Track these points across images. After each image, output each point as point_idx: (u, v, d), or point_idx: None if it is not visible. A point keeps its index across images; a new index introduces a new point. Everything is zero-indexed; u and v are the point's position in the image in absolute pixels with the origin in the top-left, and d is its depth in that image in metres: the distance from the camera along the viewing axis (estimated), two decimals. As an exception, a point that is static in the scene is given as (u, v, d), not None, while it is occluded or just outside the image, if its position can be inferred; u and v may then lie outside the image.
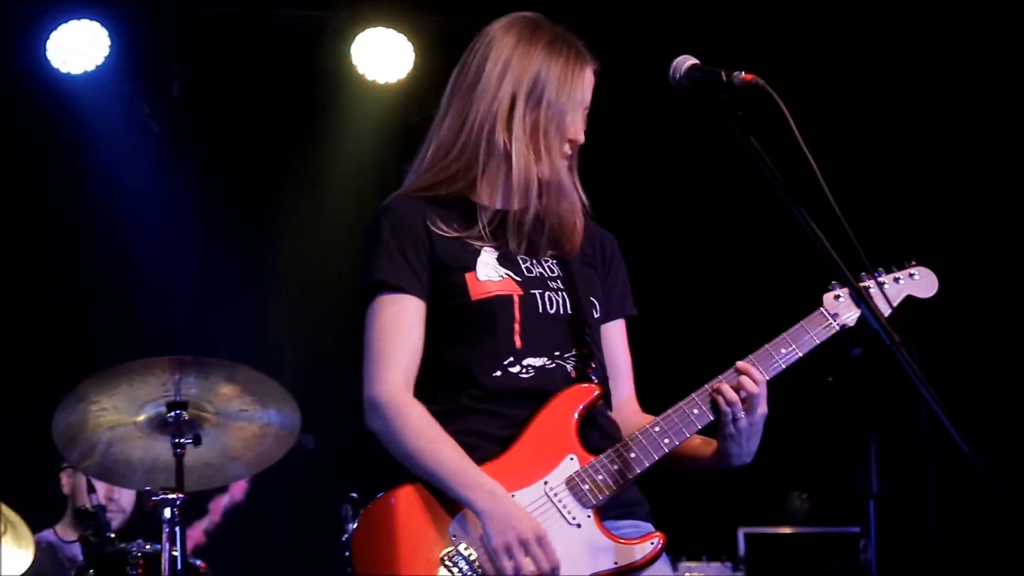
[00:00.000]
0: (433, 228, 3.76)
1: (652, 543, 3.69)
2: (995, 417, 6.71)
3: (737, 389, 3.69)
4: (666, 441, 3.71)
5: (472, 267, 3.75)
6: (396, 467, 3.68)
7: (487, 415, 3.71)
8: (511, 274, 3.78)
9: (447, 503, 3.63)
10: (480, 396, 3.70)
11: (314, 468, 5.86)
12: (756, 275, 6.48)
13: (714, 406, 3.71)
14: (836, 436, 3.97)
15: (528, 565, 3.53)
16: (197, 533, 6.48)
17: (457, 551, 3.60)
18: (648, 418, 3.79)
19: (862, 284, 3.64)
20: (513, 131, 3.78)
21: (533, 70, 3.81)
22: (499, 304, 3.72)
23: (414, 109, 8.29)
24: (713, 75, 3.64)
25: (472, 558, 3.59)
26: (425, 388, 3.73)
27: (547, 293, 3.80)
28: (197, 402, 5.14)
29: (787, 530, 7.22)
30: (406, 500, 3.67)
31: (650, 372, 4.02)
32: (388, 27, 8.28)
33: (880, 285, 3.79)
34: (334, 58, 8.38)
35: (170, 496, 5.07)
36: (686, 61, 3.69)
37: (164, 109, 8.36)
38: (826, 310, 3.81)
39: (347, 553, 5.61)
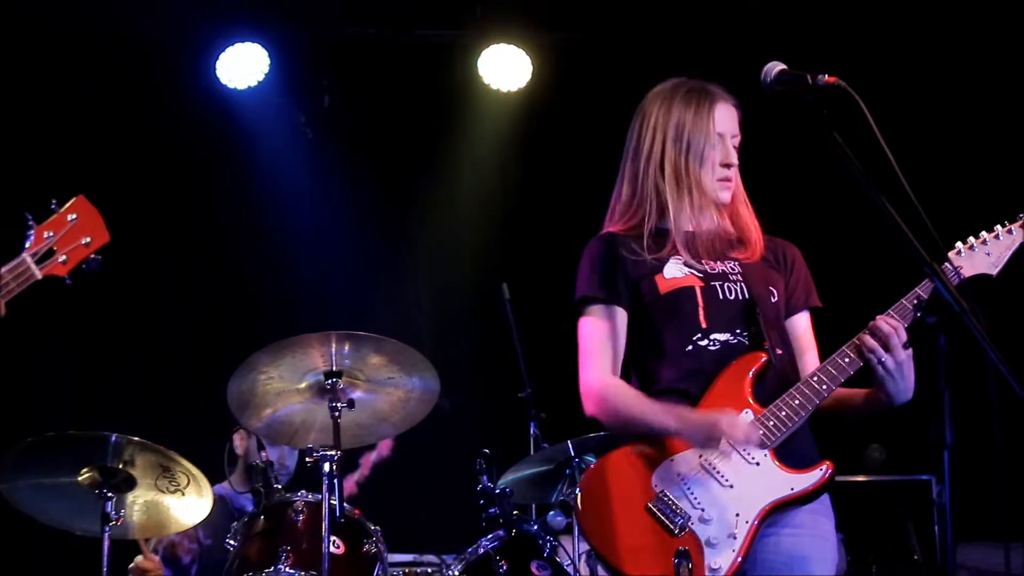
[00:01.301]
0: (627, 254, 4.00)
1: (821, 470, 3.81)
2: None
3: (875, 333, 3.76)
4: (824, 388, 3.83)
5: (660, 271, 3.98)
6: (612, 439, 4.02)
7: (681, 394, 3.89)
8: (694, 272, 3.98)
9: (648, 461, 3.85)
10: (677, 369, 3.91)
11: (450, 427, 5.80)
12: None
13: (860, 353, 3.79)
14: (914, 393, 3.89)
15: (733, 433, 3.77)
16: (350, 484, 6.47)
17: (658, 497, 3.78)
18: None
19: (975, 240, 3.94)
20: (666, 173, 4.03)
21: (673, 121, 4.04)
22: (683, 294, 3.94)
23: (532, 114, 8.29)
24: (800, 78, 3.67)
25: (671, 501, 3.78)
26: (634, 373, 4.03)
27: (727, 284, 3.98)
28: (350, 371, 5.12)
29: (862, 478, 7.10)
30: (618, 459, 3.90)
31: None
32: (509, 43, 8.24)
33: (984, 244, 3.94)
34: (463, 71, 8.35)
35: (328, 452, 5.07)
36: (776, 67, 3.71)
37: (316, 118, 8.39)
38: (951, 262, 3.84)
39: (490, 509, 5.61)
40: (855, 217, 5.48)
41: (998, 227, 3.97)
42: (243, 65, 8.18)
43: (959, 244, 3.92)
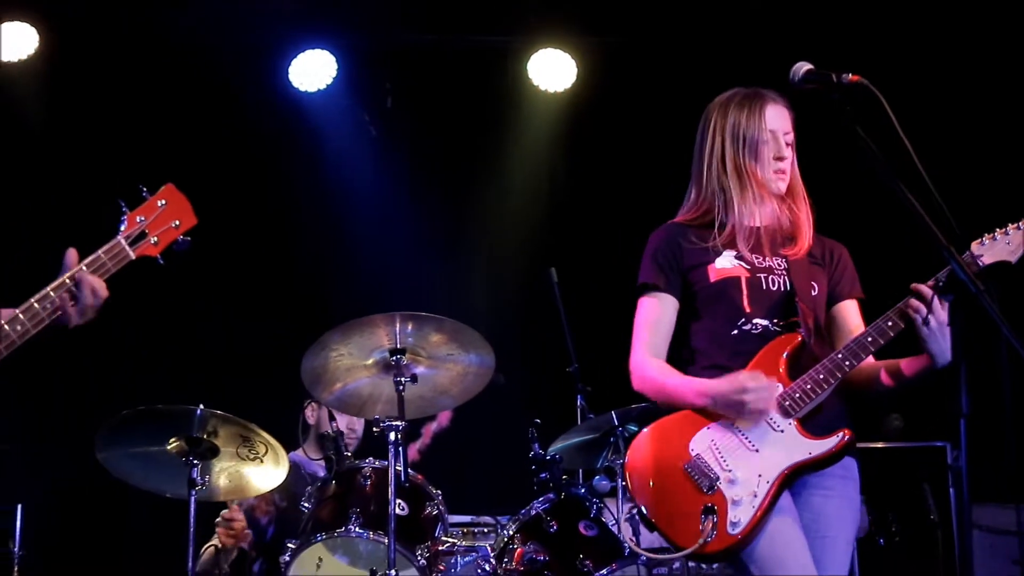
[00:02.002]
0: (685, 244, 4.14)
1: (838, 436, 3.90)
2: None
3: (920, 294, 3.84)
4: (846, 363, 3.91)
5: (712, 262, 4.09)
6: (655, 410, 4.11)
7: (725, 371, 3.97)
8: (742, 264, 4.08)
9: (688, 428, 3.95)
10: (725, 349, 4.03)
11: (504, 400, 5.80)
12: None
13: (902, 316, 3.85)
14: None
15: (754, 397, 3.85)
16: (412, 452, 6.49)
17: (693, 460, 3.89)
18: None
19: (999, 232, 3.94)
20: (728, 169, 4.14)
21: (730, 123, 4.16)
22: (731, 283, 4.06)
23: (577, 112, 8.27)
24: (826, 77, 3.71)
25: (703, 464, 3.88)
26: (687, 352, 4.15)
27: (771, 276, 4.08)
28: (413, 348, 5.15)
29: (882, 445, 7.07)
30: (662, 427, 4.03)
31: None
32: (556, 47, 8.23)
33: (1006, 235, 3.94)
34: (513, 73, 8.35)
35: (394, 423, 5.11)
36: (803, 66, 3.76)
37: (380, 117, 8.40)
38: (971, 252, 3.83)
39: (541, 474, 5.61)
40: (877, 209, 5.43)
41: (1021, 221, 3.96)
42: (313, 70, 8.22)
43: (984, 236, 3.94)
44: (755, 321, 4.01)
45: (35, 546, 6.67)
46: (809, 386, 3.88)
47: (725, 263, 4.07)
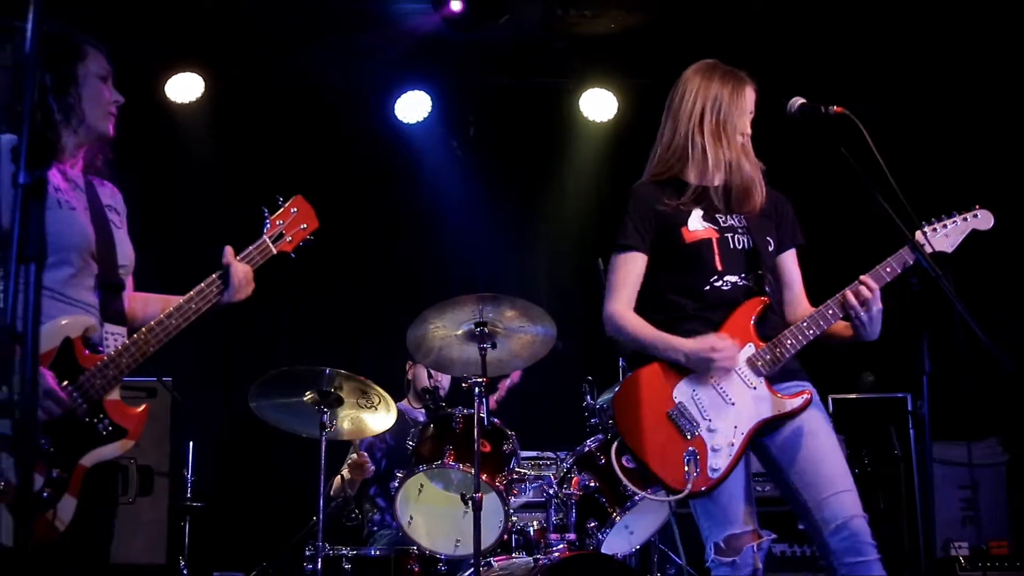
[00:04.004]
0: (658, 206, 3.86)
1: (803, 398, 3.74)
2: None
3: (857, 295, 3.67)
4: (810, 332, 3.74)
5: (685, 223, 3.83)
6: (638, 358, 3.83)
7: (700, 320, 3.76)
8: (711, 225, 3.84)
9: (674, 376, 3.73)
10: (697, 303, 3.79)
11: (563, 361, 5.78)
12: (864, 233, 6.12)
13: (843, 307, 3.70)
14: (897, 333, 3.83)
15: (722, 356, 3.66)
16: (491, 402, 6.48)
17: (677, 407, 3.70)
18: (810, 309, 3.80)
19: (938, 224, 3.83)
20: (704, 132, 3.87)
21: (712, 93, 3.88)
22: (704, 244, 3.81)
23: (618, 138, 8.25)
24: (815, 108, 3.73)
25: (686, 411, 3.68)
26: (663, 303, 3.85)
27: (736, 235, 3.85)
28: (493, 322, 5.15)
29: (855, 396, 7.00)
30: (646, 376, 3.76)
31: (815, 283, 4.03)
32: (601, 87, 8.23)
33: (945, 228, 3.83)
34: (568, 107, 8.32)
35: (477, 379, 5.11)
36: (798, 100, 3.78)
37: (465, 143, 8.36)
38: (917, 242, 3.71)
39: (592, 419, 5.59)
40: (854, 208, 5.37)
41: (955, 214, 3.88)
42: (413, 107, 8.22)
43: (925, 225, 3.82)
44: (725, 278, 3.79)
45: (204, 473, 6.73)
46: (778, 350, 3.70)
47: (696, 225, 3.82)
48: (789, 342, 3.71)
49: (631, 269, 3.87)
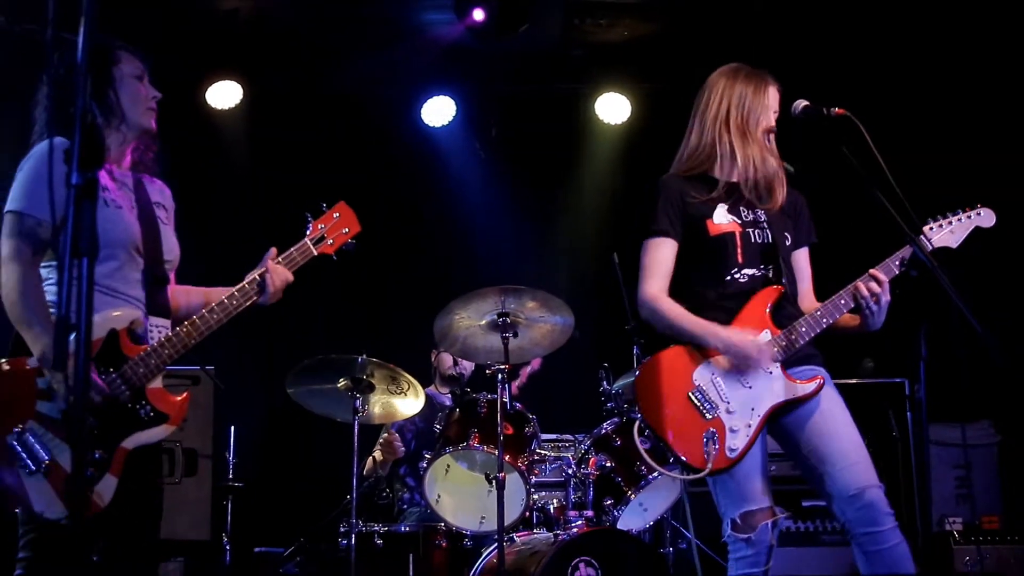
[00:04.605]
0: (687, 198, 3.82)
1: (816, 383, 3.70)
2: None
3: (868, 286, 3.68)
4: (824, 321, 3.73)
5: (710, 216, 3.80)
6: (661, 340, 3.78)
7: (719, 309, 3.72)
8: (735, 219, 3.81)
9: (693, 360, 3.70)
10: (718, 292, 3.76)
11: (581, 349, 5.78)
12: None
13: (855, 298, 3.69)
14: (897, 323, 3.82)
15: (758, 361, 3.64)
16: (514, 388, 6.48)
17: (697, 389, 3.67)
18: (818, 305, 3.76)
19: (943, 220, 3.83)
20: (731, 130, 3.82)
21: (737, 92, 3.86)
22: (728, 237, 3.78)
23: (631, 139, 8.22)
24: (818, 109, 3.71)
25: (706, 393, 3.65)
26: (685, 291, 3.80)
27: (756, 230, 3.82)
28: (514, 312, 5.14)
29: (856, 381, 6.97)
30: (667, 357, 3.73)
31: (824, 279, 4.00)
32: (615, 92, 8.17)
33: (950, 224, 3.83)
34: (584, 110, 8.27)
35: (500, 366, 5.11)
36: (801, 103, 3.78)
37: (488, 144, 8.36)
38: (915, 236, 3.69)
39: (608, 404, 5.59)
40: (857, 205, 5.34)
41: (960, 211, 3.87)
42: (439, 111, 8.19)
43: (930, 221, 3.82)
44: (744, 271, 3.75)
45: (245, 455, 6.75)
46: (793, 336, 3.68)
47: (721, 219, 3.78)
48: (803, 329, 3.70)
49: (663, 253, 3.80)
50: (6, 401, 3.14)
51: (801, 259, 3.98)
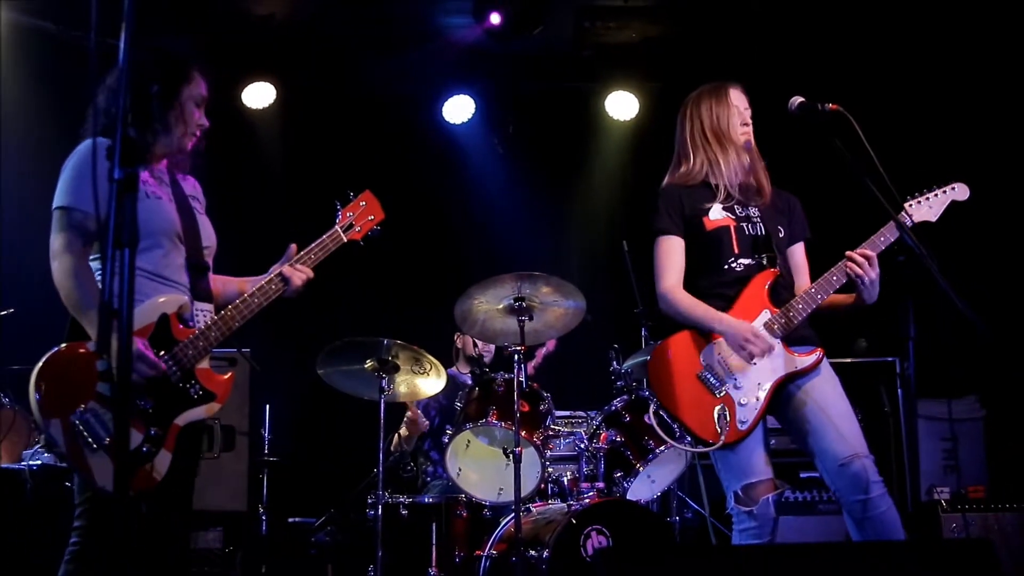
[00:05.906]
0: (685, 199, 3.93)
1: (816, 355, 3.75)
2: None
3: (857, 260, 3.70)
4: (819, 296, 3.73)
5: (707, 213, 3.89)
6: (672, 325, 3.87)
7: (717, 296, 3.78)
8: (729, 215, 3.89)
9: (700, 342, 3.77)
10: (716, 280, 3.83)
11: (593, 332, 5.76)
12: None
13: (845, 272, 3.71)
14: (886, 303, 3.82)
15: (754, 347, 3.68)
16: (529, 368, 6.49)
17: (705, 368, 3.73)
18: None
19: (921, 197, 3.82)
20: (710, 140, 3.90)
21: (703, 106, 3.98)
22: (723, 231, 3.86)
23: (639, 134, 8.20)
24: (813, 105, 3.72)
25: (715, 372, 3.71)
26: (688, 282, 3.90)
27: (750, 224, 3.89)
28: (530, 297, 5.12)
29: (849, 360, 6.93)
30: (676, 342, 3.81)
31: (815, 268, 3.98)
32: (624, 90, 8.16)
33: (928, 200, 3.82)
34: (595, 107, 8.26)
35: (517, 348, 5.10)
36: (797, 99, 3.76)
37: (505, 140, 8.35)
38: (905, 214, 3.74)
39: (618, 382, 5.58)
40: (852, 204, 5.31)
41: (936, 187, 3.87)
42: (459, 109, 8.19)
43: (909, 198, 3.83)
44: (740, 260, 3.83)
45: (279, 432, 6.79)
46: (792, 313, 3.73)
47: (716, 215, 3.87)
48: (800, 306, 3.74)
49: (673, 249, 3.89)
50: (69, 383, 3.14)
51: (798, 254, 4.03)
